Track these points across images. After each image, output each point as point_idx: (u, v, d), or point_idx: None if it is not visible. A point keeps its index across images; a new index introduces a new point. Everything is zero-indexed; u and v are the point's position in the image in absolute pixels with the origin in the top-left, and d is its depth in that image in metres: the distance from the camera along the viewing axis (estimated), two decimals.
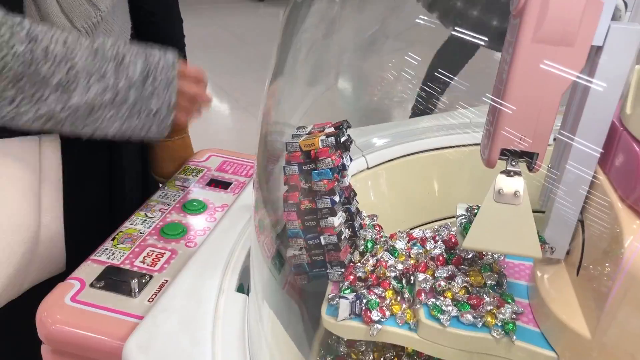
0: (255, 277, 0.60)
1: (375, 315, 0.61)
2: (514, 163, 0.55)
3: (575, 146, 0.53)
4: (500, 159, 0.56)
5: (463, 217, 0.64)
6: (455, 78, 0.58)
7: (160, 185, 0.93)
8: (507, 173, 0.56)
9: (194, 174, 0.93)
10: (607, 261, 0.53)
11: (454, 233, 0.72)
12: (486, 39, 0.52)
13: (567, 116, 0.56)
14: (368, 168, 0.94)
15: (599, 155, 0.54)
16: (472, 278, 0.64)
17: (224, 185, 0.90)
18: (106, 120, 0.68)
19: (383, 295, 0.64)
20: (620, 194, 0.54)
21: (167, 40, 0.96)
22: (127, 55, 0.69)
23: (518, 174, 0.55)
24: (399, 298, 0.64)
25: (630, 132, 0.53)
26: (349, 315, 0.62)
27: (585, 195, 0.57)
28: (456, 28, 0.53)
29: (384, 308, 0.62)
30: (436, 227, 0.76)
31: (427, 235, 0.73)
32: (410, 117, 1.02)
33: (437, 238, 0.73)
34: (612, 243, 0.52)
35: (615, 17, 0.51)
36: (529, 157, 0.55)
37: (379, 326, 0.61)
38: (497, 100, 0.53)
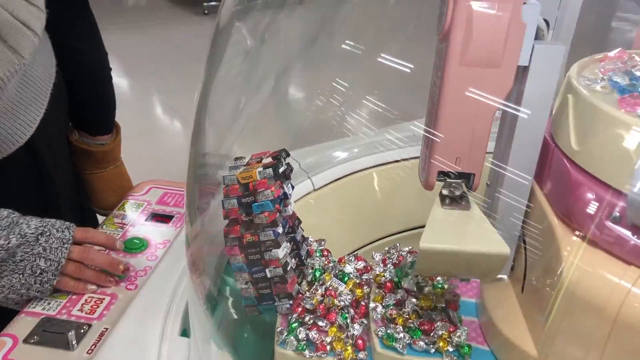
0: (192, 319, 0.57)
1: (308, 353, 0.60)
2: (453, 184, 0.55)
3: (508, 175, 0.54)
4: (438, 180, 0.56)
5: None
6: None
7: (100, 223, 0.90)
8: (447, 190, 0.56)
9: (133, 208, 0.90)
10: (548, 278, 0.53)
11: (403, 254, 0.72)
12: (411, 66, 0.52)
13: (499, 141, 0.56)
14: (315, 190, 0.93)
15: (530, 183, 0.55)
16: (422, 302, 0.63)
17: (165, 218, 0.87)
18: None
19: (326, 329, 0.62)
20: (555, 210, 0.54)
21: (94, 75, 0.98)
22: (20, 219, 0.70)
23: (458, 187, 0.55)
24: (343, 335, 0.62)
25: (560, 149, 0.54)
26: None
27: (524, 211, 0.58)
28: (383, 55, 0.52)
29: (324, 344, 0.61)
30: (387, 248, 0.75)
31: (376, 259, 0.73)
32: None
33: (387, 262, 0.72)
34: (551, 259, 0.53)
35: (538, 36, 0.51)
36: (466, 178, 0.55)
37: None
38: (429, 127, 0.53)
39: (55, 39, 0.86)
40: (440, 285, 0.65)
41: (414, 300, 0.64)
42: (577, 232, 0.51)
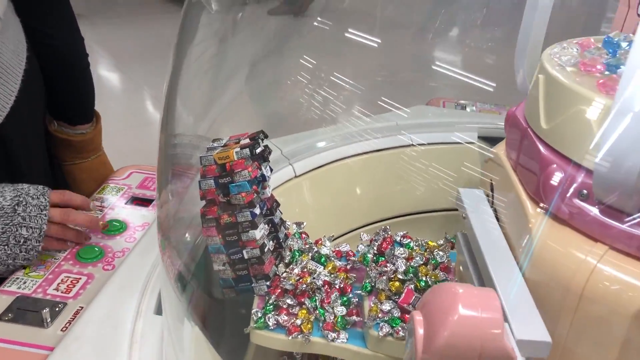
0: (164, 298, 0.58)
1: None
2: None
3: None
4: None
5: None
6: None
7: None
8: None
9: (113, 192, 0.90)
10: (519, 256, 0.54)
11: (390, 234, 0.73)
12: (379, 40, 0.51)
13: None
14: (296, 176, 0.93)
15: None
16: (392, 284, 0.64)
17: (145, 202, 0.87)
18: None
19: (296, 312, 0.63)
20: (526, 189, 0.55)
21: (68, 61, 0.95)
22: None
23: None
24: (312, 317, 0.63)
25: (532, 129, 0.55)
26: None
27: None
28: None
29: (295, 325, 0.61)
30: (378, 231, 0.75)
31: (363, 239, 0.74)
32: None
33: (372, 242, 0.73)
34: (520, 237, 0.53)
35: None
36: None
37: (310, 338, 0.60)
38: None
39: (27, 25, 0.84)
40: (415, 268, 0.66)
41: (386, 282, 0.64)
42: (545, 210, 0.51)
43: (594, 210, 0.48)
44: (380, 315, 0.62)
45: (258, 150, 0.67)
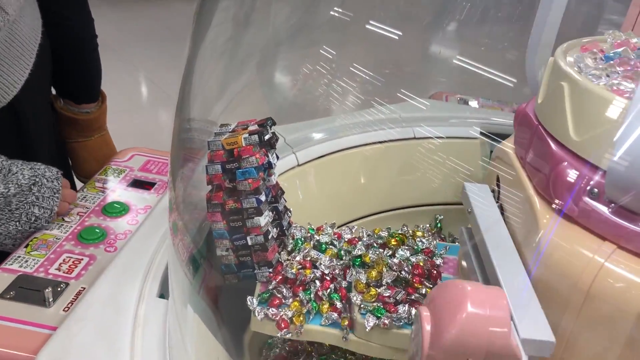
0: (172, 282, 0.57)
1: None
2: None
3: None
4: None
5: None
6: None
7: (80, 187, 0.89)
8: None
9: (115, 174, 0.89)
10: (525, 252, 0.54)
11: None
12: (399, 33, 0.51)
13: None
14: (298, 165, 0.93)
15: None
16: (370, 274, 0.64)
17: (147, 185, 0.87)
18: None
19: (289, 303, 0.63)
20: (535, 186, 0.55)
21: (80, 42, 0.97)
22: (12, 166, 0.73)
23: None
24: (304, 310, 0.62)
25: (543, 126, 0.55)
26: None
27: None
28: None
29: (285, 319, 0.61)
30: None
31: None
32: None
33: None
34: (529, 234, 0.54)
35: None
36: None
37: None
38: None
39: (42, 5, 0.84)
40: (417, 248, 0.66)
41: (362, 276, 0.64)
42: (555, 208, 0.52)
43: (604, 210, 0.48)
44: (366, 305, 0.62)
45: (266, 137, 0.66)
